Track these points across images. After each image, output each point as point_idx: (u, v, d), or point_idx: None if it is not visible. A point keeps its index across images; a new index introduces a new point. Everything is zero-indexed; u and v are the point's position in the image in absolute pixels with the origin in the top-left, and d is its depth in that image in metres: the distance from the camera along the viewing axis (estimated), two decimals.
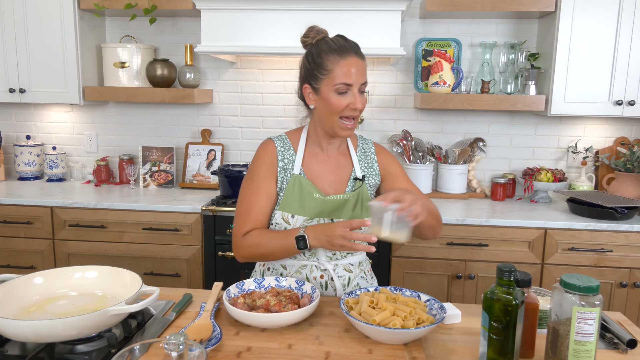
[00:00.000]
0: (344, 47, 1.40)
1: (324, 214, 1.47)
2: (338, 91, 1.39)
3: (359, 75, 1.39)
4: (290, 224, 1.46)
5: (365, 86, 1.43)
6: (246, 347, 1.12)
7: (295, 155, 1.52)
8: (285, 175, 1.50)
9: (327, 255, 1.50)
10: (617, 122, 2.90)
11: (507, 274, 1.03)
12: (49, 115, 3.18)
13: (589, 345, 0.99)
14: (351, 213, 1.48)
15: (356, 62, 1.39)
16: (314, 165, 1.53)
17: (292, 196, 1.47)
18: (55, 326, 1.04)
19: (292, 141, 1.55)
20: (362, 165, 1.57)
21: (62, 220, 2.60)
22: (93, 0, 2.69)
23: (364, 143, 1.63)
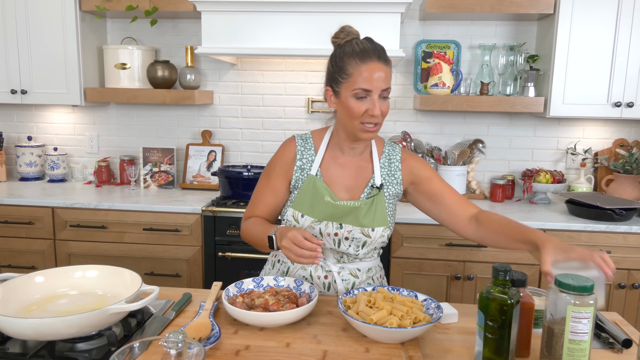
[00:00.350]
0: (366, 51, 1.36)
1: (333, 218, 1.45)
2: (357, 96, 1.36)
3: (379, 81, 1.34)
4: (299, 223, 1.47)
5: (388, 92, 1.39)
6: (244, 346, 1.13)
7: (315, 156, 1.51)
8: (301, 175, 1.50)
9: (335, 257, 1.49)
10: (616, 123, 2.91)
11: (503, 274, 1.04)
12: (51, 117, 3.20)
13: (583, 344, 1.00)
14: (361, 220, 1.44)
15: (377, 67, 1.35)
16: (332, 168, 1.51)
17: (304, 196, 1.48)
18: (56, 324, 1.05)
19: (315, 141, 1.54)
20: (384, 172, 1.52)
21: (63, 220, 2.62)
22: (94, 2, 2.70)
23: (391, 150, 1.56)
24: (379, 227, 1.46)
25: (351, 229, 1.45)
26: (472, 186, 2.95)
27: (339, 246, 1.47)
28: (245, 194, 2.64)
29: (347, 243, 1.46)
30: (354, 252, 1.48)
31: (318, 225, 1.45)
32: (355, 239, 1.46)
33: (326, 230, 1.45)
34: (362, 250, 1.48)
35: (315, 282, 1.50)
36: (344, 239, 1.46)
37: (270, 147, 3.09)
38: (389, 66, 1.39)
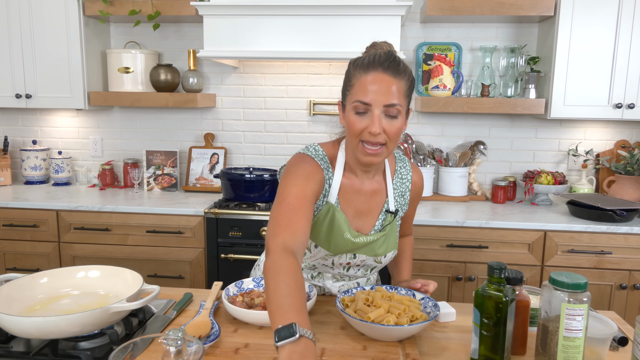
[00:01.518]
0: (372, 61, 1.21)
1: (349, 250, 1.37)
2: (356, 110, 1.21)
3: (380, 94, 1.18)
4: (311, 252, 1.36)
5: (397, 110, 1.20)
6: (244, 344, 1.15)
7: (333, 179, 1.34)
8: (322, 201, 1.34)
9: (334, 277, 1.45)
10: (618, 125, 2.92)
11: (498, 272, 1.06)
12: (55, 120, 3.23)
13: (577, 341, 1.01)
14: (376, 251, 1.39)
15: (380, 78, 1.19)
16: (349, 194, 1.36)
17: (321, 226, 1.33)
18: (59, 323, 1.07)
19: (330, 160, 1.36)
20: (396, 194, 1.43)
21: (68, 223, 2.64)
22: (98, 7, 2.74)
23: (402, 167, 1.46)
24: (390, 252, 1.42)
25: (364, 258, 1.40)
26: (473, 188, 2.96)
27: (347, 271, 1.43)
28: (247, 196, 2.66)
29: (356, 269, 1.43)
30: (361, 275, 1.47)
31: (332, 257, 1.37)
32: (366, 266, 1.43)
33: (339, 261, 1.38)
34: (370, 273, 1.48)
35: None
36: (355, 266, 1.42)
37: (272, 150, 3.11)
38: (401, 78, 1.21)
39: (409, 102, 1.26)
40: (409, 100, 1.27)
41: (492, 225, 2.42)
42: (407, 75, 1.23)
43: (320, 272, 1.45)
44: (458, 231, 2.44)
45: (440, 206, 2.74)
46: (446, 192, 2.91)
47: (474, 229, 2.43)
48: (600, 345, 1.08)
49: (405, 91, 1.22)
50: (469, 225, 2.43)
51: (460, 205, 2.77)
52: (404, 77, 1.22)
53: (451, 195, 2.89)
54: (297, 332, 0.89)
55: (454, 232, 2.44)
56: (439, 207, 2.72)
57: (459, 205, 2.77)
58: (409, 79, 1.24)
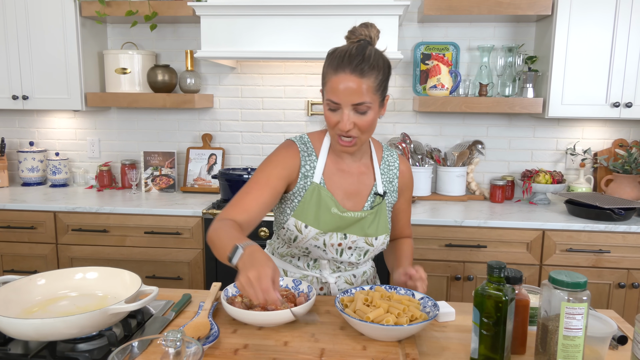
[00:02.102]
0: (342, 60, 1.26)
1: (338, 229, 1.41)
2: (329, 107, 1.30)
3: (348, 94, 1.25)
4: (302, 234, 1.40)
5: (366, 106, 1.27)
6: (243, 345, 1.15)
7: (317, 162, 1.43)
8: (305, 182, 1.42)
9: (331, 267, 1.48)
10: (615, 124, 2.92)
11: (497, 271, 1.05)
12: (52, 122, 3.22)
13: (577, 340, 1.00)
14: (366, 230, 1.43)
15: (347, 79, 1.24)
16: (334, 175, 1.44)
17: (309, 206, 1.39)
18: (57, 324, 1.06)
19: (315, 145, 1.45)
20: (384, 179, 1.49)
21: (65, 225, 2.63)
22: (94, 8, 2.73)
23: (389, 155, 1.53)
24: (381, 234, 1.46)
25: (355, 238, 1.43)
26: (471, 187, 2.96)
27: (341, 255, 1.45)
28: None
29: (349, 252, 1.45)
30: (355, 261, 1.47)
31: (322, 236, 1.40)
32: (358, 248, 1.45)
33: (330, 241, 1.41)
34: (364, 258, 1.49)
35: None
36: (347, 249, 1.44)
37: (270, 150, 3.08)
38: (369, 77, 1.26)
39: (382, 92, 1.31)
40: (384, 90, 1.32)
41: (490, 225, 2.42)
42: (377, 70, 1.27)
43: (317, 261, 1.48)
44: (457, 231, 2.44)
45: (439, 206, 2.74)
46: (444, 192, 2.91)
47: (473, 229, 2.43)
48: (600, 344, 1.08)
49: (375, 87, 1.27)
50: (467, 225, 2.43)
51: (458, 205, 2.77)
52: (373, 74, 1.26)
53: (449, 194, 2.89)
54: (239, 246, 1.14)
55: (453, 231, 2.44)
56: (437, 206, 2.72)
57: (458, 205, 2.77)
58: (381, 72, 1.28)
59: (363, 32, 1.34)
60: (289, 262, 1.52)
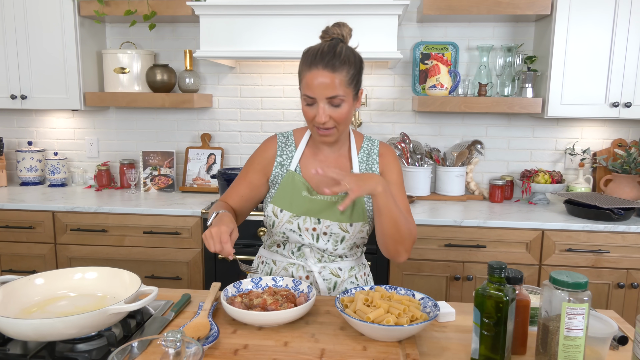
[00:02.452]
0: (315, 57, 1.34)
1: (311, 213, 1.47)
2: (305, 102, 1.38)
3: (322, 89, 1.33)
4: (278, 218, 1.48)
5: (340, 99, 1.35)
6: (243, 345, 1.14)
7: (295, 152, 1.53)
8: (281, 170, 1.52)
9: (315, 257, 1.51)
10: (614, 124, 2.92)
11: (498, 271, 1.05)
12: (50, 121, 3.21)
13: (578, 340, 1.00)
14: (339, 216, 1.46)
15: (320, 74, 1.32)
16: (311, 164, 1.52)
17: (284, 191, 1.50)
18: (56, 325, 1.06)
19: (296, 138, 1.56)
20: (362, 167, 1.53)
21: (64, 224, 2.63)
22: (93, 7, 2.72)
23: (370, 144, 1.57)
24: (357, 222, 1.47)
25: (329, 224, 1.46)
26: (470, 187, 2.95)
27: (317, 241, 1.48)
28: None
29: (325, 238, 1.48)
30: (332, 248, 1.49)
31: (296, 220, 1.47)
32: (333, 234, 1.47)
33: (304, 225, 1.47)
34: (340, 245, 1.49)
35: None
36: (322, 234, 1.48)
37: None
38: (340, 71, 1.33)
39: (356, 85, 1.40)
40: (357, 83, 1.40)
41: (490, 225, 2.42)
42: (348, 65, 1.35)
43: (301, 250, 1.51)
44: (456, 231, 2.44)
45: (438, 206, 2.74)
46: (444, 192, 2.90)
47: (472, 229, 2.43)
48: (601, 344, 1.08)
49: (347, 80, 1.36)
50: (467, 225, 2.43)
51: (457, 205, 2.77)
52: (345, 69, 1.35)
53: (449, 194, 2.89)
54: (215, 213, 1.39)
55: (452, 231, 2.44)
56: (436, 206, 2.72)
57: (457, 205, 2.77)
58: (352, 67, 1.37)
59: (335, 31, 1.42)
60: (275, 251, 1.58)
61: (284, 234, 1.50)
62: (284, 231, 1.49)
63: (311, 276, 1.51)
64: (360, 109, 3.01)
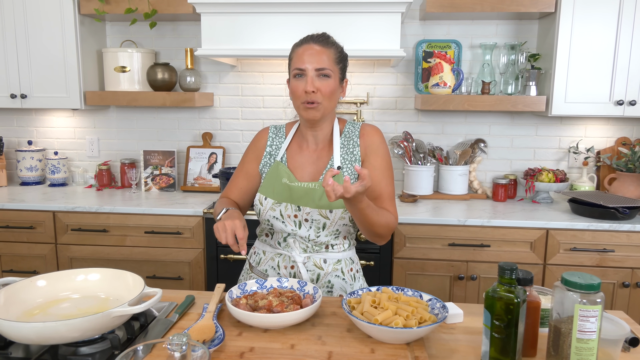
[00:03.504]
0: (305, 38, 1.48)
1: (291, 200, 1.50)
2: (294, 75, 1.45)
3: (312, 61, 1.42)
4: (262, 205, 1.54)
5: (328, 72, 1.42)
6: (249, 348, 1.12)
7: (283, 143, 1.59)
8: (269, 160, 1.58)
9: (300, 247, 1.53)
10: (618, 122, 2.90)
11: (509, 272, 1.03)
12: (50, 121, 3.19)
13: (591, 342, 0.98)
14: (317, 202, 1.47)
15: (310, 47, 1.44)
16: (297, 155, 1.57)
17: (269, 180, 1.55)
18: (59, 328, 1.04)
19: (287, 130, 1.63)
20: (343, 152, 1.53)
21: (65, 224, 2.61)
22: (93, 6, 2.70)
23: (351, 127, 1.57)
24: (337, 209, 1.47)
25: (309, 210, 1.49)
26: (474, 186, 2.94)
27: (299, 228, 1.50)
28: None
29: (307, 225, 1.50)
30: (314, 235, 1.50)
31: (278, 207, 1.51)
32: (314, 221, 1.49)
33: (286, 212, 1.51)
34: (323, 232, 1.50)
35: (282, 272, 1.53)
36: (304, 221, 1.50)
37: None
38: (329, 48, 1.45)
39: (341, 69, 1.49)
40: (342, 68, 1.49)
41: (493, 224, 2.40)
42: (335, 47, 1.47)
43: (286, 240, 1.54)
44: (460, 230, 2.42)
45: (441, 205, 2.72)
46: (447, 191, 2.89)
47: (476, 228, 2.41)
48: (612, 346, 1.06)
49: (334, 58, 1.45)
50: (470, 224, 2.41)
51: (461, 204, 2.75)
52: (332, 48, 1.46)
53: (452, 193, 2.87)
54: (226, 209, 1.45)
55: (456, 230, 2.42)
56: (439, 205, 2.70)
57: (460, 204, 2.75)
58: (338, 50, 1.48)
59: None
60: (264, 241, 1.62)
61: (269, 221, 1.54)
62: (268, 219, 1.54)
63: (295, 266, 1.53)
64: (362, 108, 2.99)
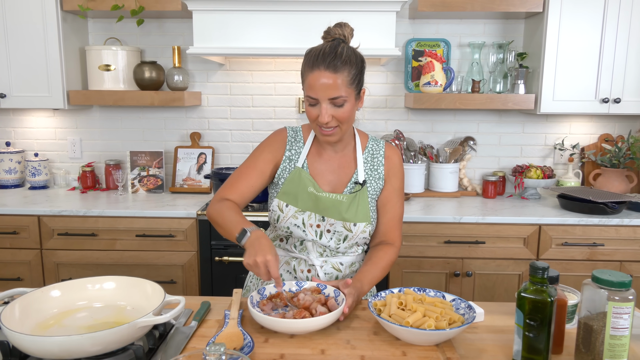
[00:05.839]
0: (317, 59, 1.35)
1: (316, 210, 1.47)
2: (308, 102, 1.40)
3: (324, 90, 1.34)
4: (283, 213, 1.48)
5: (343, 99, 1.36)
6: (279, 355, 1.10)
7: (303, 148, 1.54)
8: (289, 165, 1.52)
9: (317, 251, 1.51)
10: (601, 119, 2.98)
11: (541, 272, 1.04)
12: (29, 121, 3.07)
13: (624, 339, 1.00)
14: (343, 215, 1.46)
15: (322, 76, 1.34)
16: (317, 162, 1.53)
17: (290, 187, 1.49)
18: (83, 341, 1.00)
19: (304, 134, 1.56)
20: (367, 168, 1.53)
21: (50, 229, 2.51)
22: (77, 2, 2.60)
23: (375, 144, 1.57)
24: (361, 222, 1.47)
25: (333, 222, 1.47)
26: (464, 183, 2.97)
27: (320, 238, 1.48)
28: None
29: (328, 236, 1.48)
30: (334, 246, 1.50)
31: (301, 215, 1.47)
32: (337, 232, 1.48)
33: (309, 221, 1.48)
34: (343, 244, 1.50)
35: (298, 275, 1.52)
36: (326, 232, 1.48)
37: None
38: (342, 72, 1.34)
39: (358, 84, 1.40)
40: (359, 83, 1.41)
41: (487, 221, 2.44)
42: (349, 66, 1.36)
43: (303, 244, 1.51)
44: (455, 227, 2.45)
45: (433, 202, 2.74)
46: (437, 188, 2.91)
47: (471, 225, 2.44)
48: (637, 341, 1.09)
49: (349, 80, 1.36)
50: (465, 222, 2.44)
51: (452, 201, 2.78)
52: (346, 69, 1.35)
53: (442, 191, 2.90)
54: (247, 230, 1.31)
55: (451, 228, 2.45)
56: (431, 203, 2.72)
57: (451, 201, 2.78)
58: (354, 67, 1.37)
59: (337, 32, 1.42)
60: (277, 246, 1.58)
61: (288, 228, 1.50)
62: (288, 226, 1.49)
63: (313, 270, 1.52)
64: None
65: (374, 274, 1.46)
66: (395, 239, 1.56)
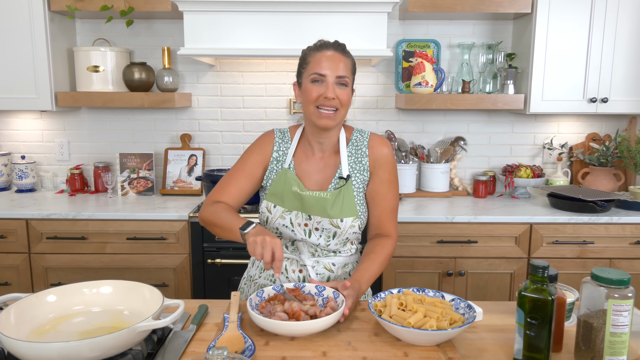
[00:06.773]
0: (324, 44, 1.46)
1: (302, 209, 1.48)
2: (313, 80, 1.43)
3: (333, 67, 1.41)
4: (271, 214, 1.50)
5: (347, 81, 1.43)
6: (280, 357, 1.10)
7: (289, 149, 1.56)
8: (276, 166, 1.54)
9: (309, 251, 1.52)
10: (589, 118, 3.02)
11: (541, 271, 1.05)
12: (15, 123, 3.02)
13: (624, 336, 1.01)
14: (328, 212, 1.46)
15: (332, 54, 1.43)
16: (303, 162, 1.55)
17: (277, 187, 1.51)
18: (82, 347, 0.98)
19: (291, 135, 1.59)
20: (351, 161, 1.53)
21: (39, 232, 2.47)
22: (65, 2, 2.57)
23: (359, 136, 1.56)
24: (347, 217, 1.48)
25: (320, 220, 1.47)
26: (454, 183, 2.99)
27: (309, 237, 1.49)
28: None
29: (317, 234, 1.49)
30: (324, 243, 1.50)
31: (288, 215, 1.49)
32: (325, 230, 1.49)
33: (296, 220, 1.49)
34: (333, 241, 1.50)
35: (290, 276, 1.52)
36: (314, 230, 1.49)
37: None
38: (347, 57, 1.45)
39: (353, 79, 1.49)
40: (353, 79, 1.49)
41: (480, 220, 2.45)
42: (351, 57, 1.48)
43: (295, 244, 1.53)
44: (447, 227, 2.46)
45: (424, 202, 2.75)
46: (429, 188, 2.92)
47: (463, 224, 2.45)
48: (635, 338, 1.10)
49: (351, 68, 1.47)
50: (457, 221, 2.45)
51: (443, 201, 2.79)
52: (349, 57, 1.47)
53: (434, 191, 2.91)
54: (252, 222, 1.35)
55: (443, 227, 2.46)
56: (423, 203, 2.73)
57: (443, 201, 2.79)
58: (352, 61, 1.49)
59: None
60: None
61: (277, 229, 1.52)
62: (277, 227, 1.51)
63: (304, 270, 1.52)
64: None
65: (372, 272, 1.45)
66: (391, 231, 1.55)
